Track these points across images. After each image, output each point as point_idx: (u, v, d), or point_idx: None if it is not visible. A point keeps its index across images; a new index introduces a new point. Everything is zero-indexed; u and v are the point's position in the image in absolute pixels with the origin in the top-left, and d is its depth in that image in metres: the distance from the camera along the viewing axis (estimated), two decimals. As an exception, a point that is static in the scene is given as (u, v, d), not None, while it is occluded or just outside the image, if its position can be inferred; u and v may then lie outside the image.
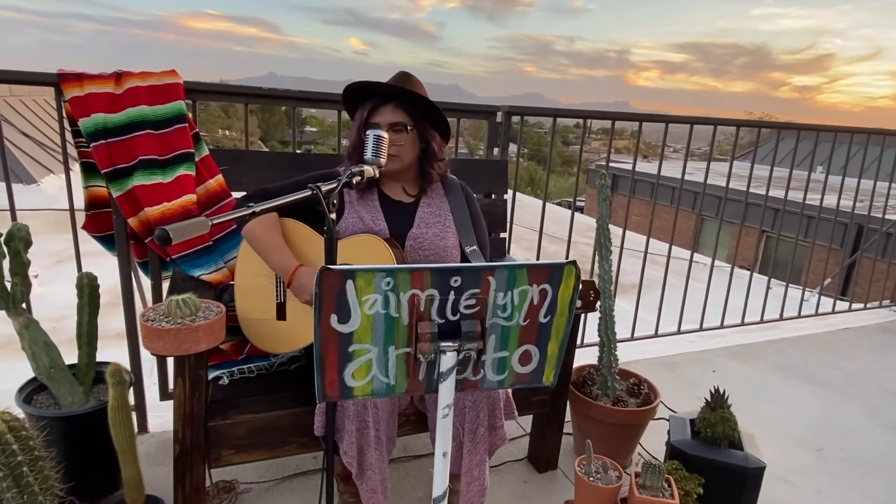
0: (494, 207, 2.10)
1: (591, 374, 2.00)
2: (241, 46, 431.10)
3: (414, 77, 1.59)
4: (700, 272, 3.59)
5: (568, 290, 1.08)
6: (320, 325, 1.02)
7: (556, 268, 1.06)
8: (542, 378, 1.17)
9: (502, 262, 1.04)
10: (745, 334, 3.26)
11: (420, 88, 1.57)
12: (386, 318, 1.04)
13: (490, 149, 2.20)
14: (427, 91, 1.59)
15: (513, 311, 1.08)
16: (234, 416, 1.47)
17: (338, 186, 1.19)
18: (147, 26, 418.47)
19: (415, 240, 1.57)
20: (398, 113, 1.53)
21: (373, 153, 1.38)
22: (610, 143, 2.61)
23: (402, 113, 1.53)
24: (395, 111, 1.53)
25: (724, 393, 1.64)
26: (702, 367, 2.82)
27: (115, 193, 1.64)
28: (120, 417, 1.31)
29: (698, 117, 2.67)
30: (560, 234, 2.63)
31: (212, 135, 40.13)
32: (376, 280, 1.00)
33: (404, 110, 1.53)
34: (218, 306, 1.34)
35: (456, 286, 1.04)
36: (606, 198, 1.87)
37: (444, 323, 1.06)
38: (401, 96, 1.53)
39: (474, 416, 1.45)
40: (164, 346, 1.21)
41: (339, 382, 1.09)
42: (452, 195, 1.68)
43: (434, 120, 1.59)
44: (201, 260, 1.68)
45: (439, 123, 1.60)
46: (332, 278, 0.99)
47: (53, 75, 1.62)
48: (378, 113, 1.53)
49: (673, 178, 12.58)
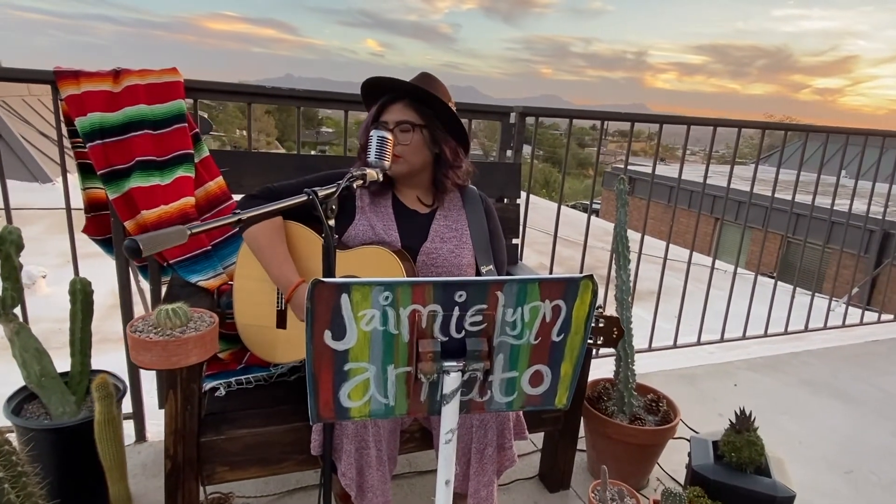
0: (507, 212, 2.01)
1: (606, 389, 1.90)
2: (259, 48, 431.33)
3: (436, 80, 1.50)
4: (721, 279, 3.46)
5: (584, 306, 0.99)
6: (313, 342, 0.94)
7: (572, 283, 0.97)
8: (555, 400, 1.08)
9: (512, 276, 0.95)
10: (769, 346, 3.13)
11: (440, 91, 1.48)
12: (384, 336, 0.96)
13: (503, 151, 2.11)
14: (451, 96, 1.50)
15: (523, 328, 0.99)
16: (229, 430, 1.39)
17: (336, 191, 1.11)
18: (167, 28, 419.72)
19: (428, 255, 1.48)
20: (407, 111, 1.45)
21: (376, 155, 1.30)
22: (629, 145, 2.51)
23: (411, 112, 1.45)
24: (405, 109, 1.45)
25: (750, 414, 1.53)
26: (722, 381, 2.70)
27: (112, 195, 1.58)
28: (107, 432, 1.24)
29: (721, 119, 2.56)
30: (575, 238, 2.53)
31: (229, 135, 40.48)
32: (374, 294, 0.92)
33: (414, 109, 1.45)
34: (211, 317, 1.26)
35: (461, 301, 0.95)
36: (625, 203, 1.77)
37: (447, 341, 0.98)
38: (413, 94, 1.45)
39: (482, 435, 1.36)
40: (151, 358, 1.14)
41: (335, 403, 1.01)
42: (471, 208, 1.58)
43: (451, 126, 1.49)
44: (199, 265, 1.61)
45: (456, 129, 1.51)
46: (325, 292, 0.91)
47: (49, 73, 1.57)
48: (388, 110, 1.46)
49: (691, 182, 12.37)
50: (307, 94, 1.80)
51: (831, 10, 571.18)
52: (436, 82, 1.49)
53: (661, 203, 15.46)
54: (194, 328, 1.19)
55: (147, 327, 1.19)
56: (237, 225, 0.89)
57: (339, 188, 1.13)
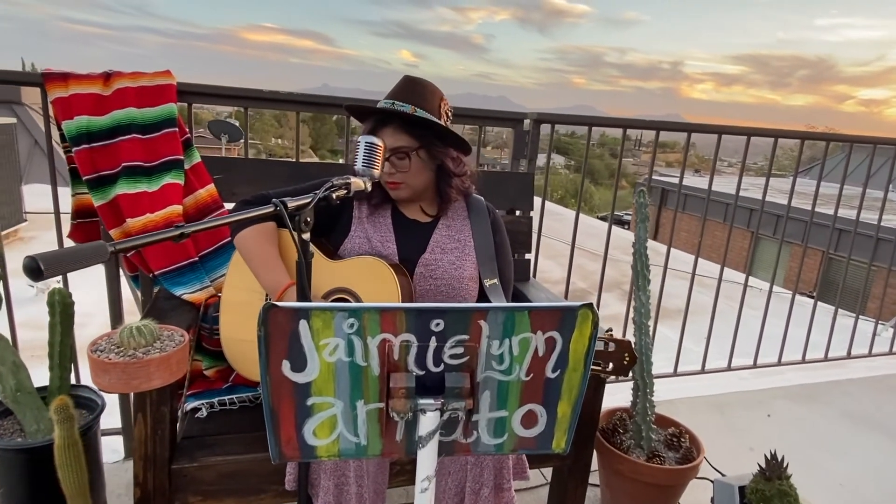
0: (518, 226, 1.88)
1: (622, 421, 1.75)
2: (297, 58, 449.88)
3: (422, 84, 1.37)
4: (755, 298, 3.25)
5: (583, 339, 0.86)
6: (269, 373, 0.83)
7: (568, 312, 0.84)
8: (552, 444, 0.95)
9: (497, 304, 0.83)
10: (807, 373, 2.89)
11: (429, 97, 1.35)
12: (351, 368, 0.84)
13: (516, 160, 1.98)
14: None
15: (512, 363, 0.86)
16: (203, 457, 1.29)
17: (311, 202, 1.01)
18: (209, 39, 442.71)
19: (426, 266, 1.37)
20: (399, 136, 1.32)
21: (364, 163, 1.19)
22: (654, 153, 2.35)
23: (403, 136, 1.33)
24: (396, 134, 1.32)
25: (782, 460, 1.36)
26: (755, 411, 2.50)
27: (98, 202, 1.51)
28: (68, 457, 1.15)
29: (755, 128, 2.38)
30: (601, 251, 2.38)
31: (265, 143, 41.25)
32: (336, 321, 0.81)
33: (407, 133, 1.33)
34: (182, 335, 1.17)
35: (438, 331, 0.83)
36: (646, 218, 1.62)
37: (423, 375, 0.86)
38: (392, 116, 1.33)
39: (478, 474, 1.23)
40: (110, 381, 1.04)
41: (298, 441, 0.90)
42: (476, 218, 1.46)
43: (448, 136, 1.37)
44: (185, 277, 1.53)
45: (455, 138, 1.39)
46: (280, 318, 0.80)
47: (38, 75, 1.51)
48: (378, 135, 1.33)
49: (726, 194, 11.98)
50: (305, 99, 1.71)
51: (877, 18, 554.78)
52: (422, 87, 1.36)
53: (697, 216, 15.04)
54: (159, 349, 1.10)
55: (110, 346, 1.10)
56: (179, 239, 0.79)
57: (315, 199, 1.02)
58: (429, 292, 1.35)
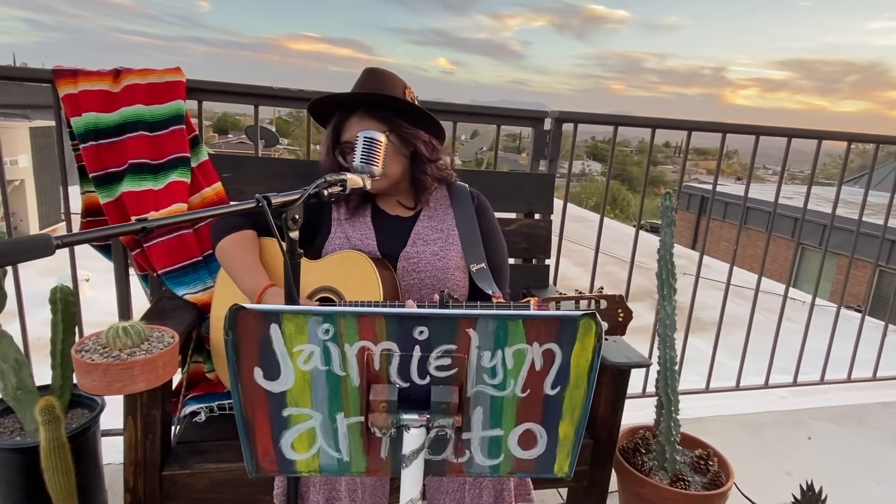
0: (537, 229, 1.79)
1: (645, 440, 1.63)
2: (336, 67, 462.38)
3: (381, 72, 1.33)
4: (797, 311, 3.05)
5: (585, 353, 0.77)
6: (240, 381, 0.77)
7: (567, 323, 0.75)
8: (553, 467, 0.86)
9: (487, 311, 0.74)
10: (852, 393, 2.69)
11: (390, 84, 1.30)
12: (329, 377, 0.77)
13: (535, 161, 1.89)
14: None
15: (506, 377, 0.78)
16: (196, 464, 1.24)
17: (300, 198, 0.94)
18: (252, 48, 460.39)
19: (408, 260, 1.31)
20: (366, 122, 1.27)
21: (363, 158, 1.13)
22: (685, 154, 2.22)
23: (370, 121, 1.28)
24: (363, 121, 1.28)
25: (820, 491, 1.23)
26: (794, 432, 2.32)
27: (104, 200, 1.49)
28: (53, 461, 1.12)
29: (797, 129, 2.22)
30: (637, 259, 2.26)
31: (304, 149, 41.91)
32: (310, 326, 0.74)
33: (373, 118, 1.28)
34: (172, 336, 1.12)
35: (422, 339, 0.75)
36: (671, 222, 1.51)
37: (408, 387, 0.78)
38: (364, 102, 1.28)
39: (476, 495, 1.14)
40: (92, 383, 1.00)
41: (276, 453, 0.84)
42: (459, 205, 1.40)
43: (417, 117, 1.31)
44: (188, 277, 1.49)
45: (423, 118, 1.32)
46: (250, 321, 0.74)
47: (48, 71, 1.51)
48: (345, 129, 1.29)
49: (769, 202, 11.53)
50: (316, 96, 1.65)
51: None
52: (383, 75, 1.31)
53: (737, 225, 14.54)
54: (145, 350, 1.05)
55: (96, 347, 1.06)
56: (141, 233, 0.73)
57: (305, 195, 0.96)
58: (413, 286, 1.30)
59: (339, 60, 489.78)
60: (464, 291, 1.36)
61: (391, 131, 1.28)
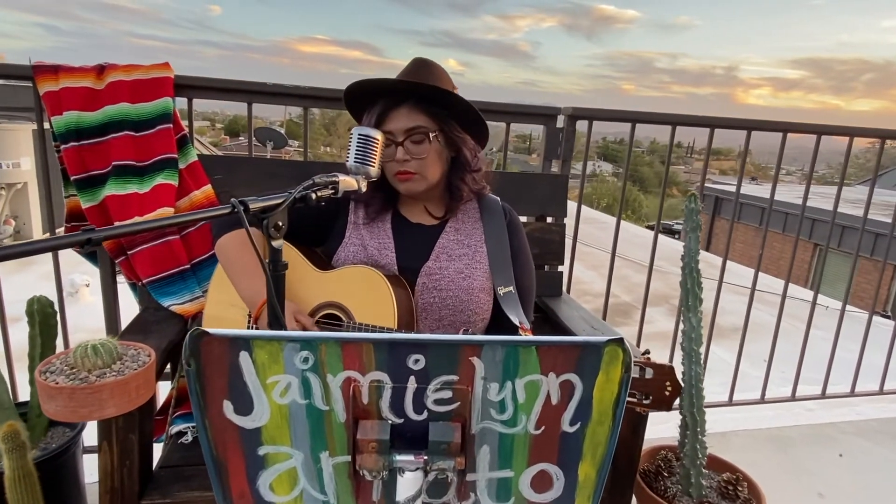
0: (549, 234, 1.67)
1: (668, 462, 1.51)
2: (347, 69, 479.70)
3: (434, 65, 1.20)
4: (820, 317, 2.90)
5: (611, 385, 0.65)
6: (207, 416, 0.66)
7: (589, 350, 0.64)
8: (571, 512, 0.74)
9: (492, 337, 0.63)
10: (886, 405, 2.54)
11: (444, 79, 1.19)
12: (309, 412, 0.66)
13: (547, 161, 1.78)
14: None
15: (516, 412, 0.67)
16: (178, 492, 1.14)
17: (283, 203, 0.84)
18: (263, 51, 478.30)
19: (429, 276, 1.18)
20: (416, 115, 1.14)
21: (357, 157, 1.02)
22: (707, 154, 2.09)
23: (420, 115, 1.15)
24: (412, 114, 1.14)
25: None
26: (824, 448, 2.18)
27: (86, 204, 1.40)
28: (19, 492, 1.02)
29: (827, 126, 2.09)
30: (648, 262, 2.14)
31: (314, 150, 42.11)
32: (286, 354, 0.63)
33: (424, 111, 1.15)
34: (149, 354, 1.02)
35: (417, 369, 0.64)
36: (697, 227, 1.39)
37: (402, 423, 0.67)
38: (417, 93, 1.15)
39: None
40: (56, 408, 0.90)
41: (253, 496, 0.73)
42: (490, 219, 1.27)
43: (468, 121, 1.19)
44: (174, 286, 1.40)
45: (472, 123, 1.20)
46: (215, 349, 0.63)
47: (27, 67, 1.42)
48: (389, 119, 1.15)
49: (786, 203, 11.29)
50: (313, 93, 1.56)
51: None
52: (436, 68, 1.19)
53: (752, 226, 14.28)
54: (116, 371, 0.95)
55: (63, 367, 0.96)
56: (86, 245, 0.63)
57: (289, 199, 0.85)
58: (432, 306, 1.17)
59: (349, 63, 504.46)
60: (486, 317, 1.23)
61: (440, 131, 1.16)
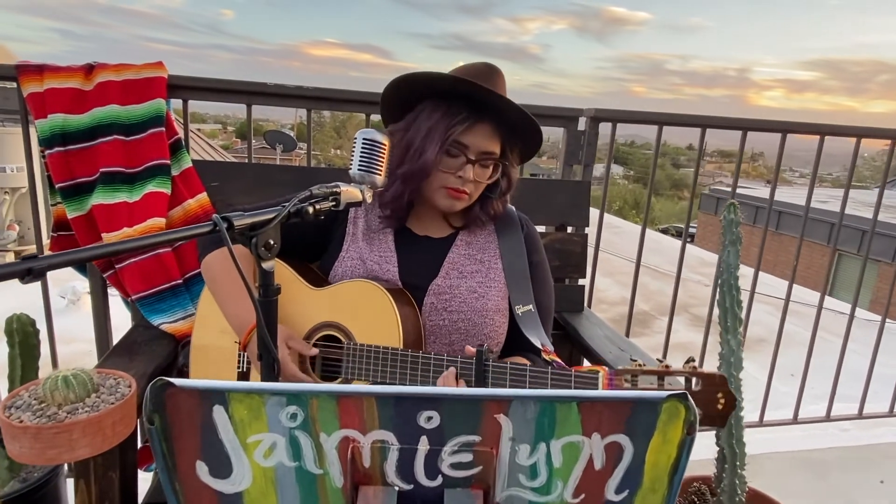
0: (570, 245, 1.55)
1: (701, 495, 1.38)
2: (357, 72, 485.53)
3: (502, 75, 1.09)
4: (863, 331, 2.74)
5: (668, 447, 0.53)
6: (177, 479, 0.55)
7: (644, 407, 0.51)
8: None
9: (523, 392, 0.51)
10: (926, 425, 2.39)
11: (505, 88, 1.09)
12: (300, 476, 0.55)
13: (568, 166, 1.66)
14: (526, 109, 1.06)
15: (550, 477, 0.55)
16: (165, 535, 1.03)
17: (275, 219, 0.73)
18: (275, 55, 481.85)
19: (438, 295, 1.06)
20: (495, 139, 1.04)
21: (362, 165, 0.91)
22: (739, 158, 1.95)
23: (498, 140, 1.05)
24: (494, 136, 1.04)
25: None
26: (863, 473, 2.04)
27: (72, 214, 1.30)
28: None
29: (867, 128, 1.95)
30: (665, 268, 2.01)
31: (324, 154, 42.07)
32: (269, 409, 0.52)
33: (500, 136, 1.05)
34: (130, 385, 0.91)
35: (431, 428, 0.53)
36: (737, 240, 1.26)
37: (412, 490, 0.55)
38: (497, 113, 1.02)
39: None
40: (20, 450, 0.80)
41: (236, 567, 0.61)
42: (505, 231, 1.15)
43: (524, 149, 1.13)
44: (165, 303, 1.29)
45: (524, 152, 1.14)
46: (183, 403, 0.52)
47: (10, 67, 1.32)
48: (470, 131, 1.02)
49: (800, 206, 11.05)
50: (317, 94, 1.45)
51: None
52: (503, 79, 1.08)
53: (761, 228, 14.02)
54: (90, 407, 0.84)
55: (31, 401, 0.85)
56: (27, 275, 0.52)
57: (282, 214, 0.74)
58: (441, 329, 1.05)
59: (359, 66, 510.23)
60: (501, 339, 1.11)
61: (504, 158, 1.08)
